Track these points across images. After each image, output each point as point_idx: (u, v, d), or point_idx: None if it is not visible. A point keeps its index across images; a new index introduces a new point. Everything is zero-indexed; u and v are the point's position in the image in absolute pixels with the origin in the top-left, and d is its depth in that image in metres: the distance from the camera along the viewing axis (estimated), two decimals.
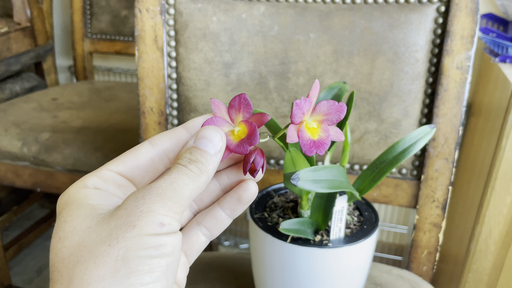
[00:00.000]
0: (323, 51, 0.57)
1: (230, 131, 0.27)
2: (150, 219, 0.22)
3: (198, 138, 0.26)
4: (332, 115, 0.28)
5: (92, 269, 0.21)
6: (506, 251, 0.83)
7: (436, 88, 0.55)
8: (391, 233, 1.23)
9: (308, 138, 0.27)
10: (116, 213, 0.23)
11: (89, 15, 1.24)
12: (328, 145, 0.28)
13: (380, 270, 0.59)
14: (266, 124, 0.39)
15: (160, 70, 0.58)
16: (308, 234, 0.41)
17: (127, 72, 1.37)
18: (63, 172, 0.87)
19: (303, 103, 0.27)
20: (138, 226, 0.22)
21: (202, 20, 0.57)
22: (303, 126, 0.27)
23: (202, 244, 0.29)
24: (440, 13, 0.54)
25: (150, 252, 0.22)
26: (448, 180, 0.57)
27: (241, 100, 0.27)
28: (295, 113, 0.27)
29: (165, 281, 0.22)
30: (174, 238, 0.23)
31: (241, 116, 0.27)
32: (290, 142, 0.27)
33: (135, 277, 0.21)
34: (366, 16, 0.55)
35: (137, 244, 0.22)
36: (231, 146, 0.27)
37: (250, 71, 0.58)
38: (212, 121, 0.27)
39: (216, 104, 0.27)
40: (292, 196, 0.49)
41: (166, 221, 0.23)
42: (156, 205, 0.23)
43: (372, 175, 0.41)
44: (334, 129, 0.29)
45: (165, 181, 0.24)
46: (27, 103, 1.04)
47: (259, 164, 0.27)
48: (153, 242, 0.22)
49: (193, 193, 0.25)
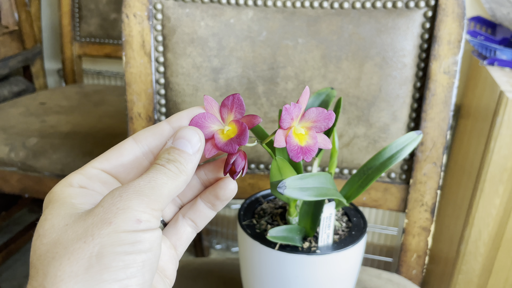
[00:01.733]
0: (311, 56, 0.57)
1: (219, 129, 0.27)
2: (127, 216, 0.22)
3: (177, 138, 0.26)
4: (321, 123, 0.28)
5: (65, 265, 0.21)
6: (496, 252, 0.84)
7: (423, 93, 0.55)
8: (381, 235, 1.23)
9: (295, 144, 0.27)
10: (93, 210, 0.23)
11: (78, 18, 1.23)
12: (315, 152, 0.28)
13: (370, 274, 0.59)
14: (253, 129, 0.39)
15: (148, 75, 0.58)
16: (296, 241, 0.41)
17: (116, 75, 1.36)
18: (51, 177, 0.86)
19: (292, 108, 0.27)
20: (114, 223, 0.22)
21: (190, 25, 0.57)
22: (291, 132, 0.27)
23: (190, 235, 0.29)
24: (427, 18, 0.54)
25: (125, 248, 0.22)
26: (436, 184, 0.57)
27: (235, 100, 0.27)
28: (284, 118, 0.27)
29: (141, 277, 0.22)
30: (152, 234, 0.23)
31: (232, 115, 0.27)
32: (278, 147, 0.27)
33: (108, 273, 0.21)
34: (354, 21, 0.55)
35: (113, 240, 0.22)
36: (219, 144, 0.27)
37: (238, 76, 0.58)
38: (203, 116, 0.27)
39: (209, 101, 0.27)
40: (281, 202, 0.49)
41: (143, 218, 0.23)
42: (133, 202, 0.23)
43: (359, 181, 0.41)
44: (322, 137, 0.29)
45: (143, 180, 0.24)
46: (14, 107, 1.03)
47: (240, 166, 0.27)
48: (129, 238, 0.22)
49: (172, 192, 0.25)
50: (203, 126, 0.27)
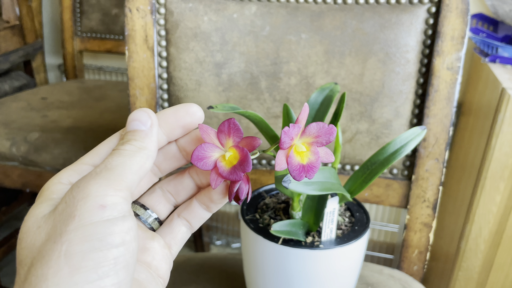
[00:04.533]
0: (314, 51, 0.57)
1: (221, 156, 0.27)
2: (89, 205, 0.21)
3: (127, 124, 0.25)
4: (322, 138, 0.28)
5: (38, 269, 0.20)
6: (496, 249, 0.84)
7: (426, 89, 0.55)
8: (382, 232, 1.24)
9: (297, 163, 0.27)
10: (58, 207, 0.22)
11: (79, 13, 1.22)
12: (317, 168, 0.27)
13: (372, 270, 0.60)
14: (257, 124, 0.39)
15: (151, 70, 0.58)
16: (299, 235, 0.41)
17: (117, 71, 1.36)
18: (52, 172, 0.86)
19: (291, 130, 0.26)
20: (77, 216, 0.21)
21: (193, 19, 0.57)
22: (292, 151, 0.27)
23: (185, 235, 0.29)
24: (431, 14, 0.54)
25: (93, 244, 0.20)
26: (438, 180, 0.57)
27: (230, 125, 0.26)
28: (283, 141, 0.26)
29: (115, 276, 0.21)
30: (122, 225, 0.21)
31: (231, 140, 0.27)
32: (279, 170, 0.27)
33: (78, 274, 0.20)
34: (358, 17, 0.55)
35: (80, 236, 0.20)
36: (223, 173, 0.26)
37: (241, 71, 0.58)
38: (202, 148, 0.26)
39: (205, 129, 0.27)
40: (284, 197, 0.49)
41: (108, 202, 0.21)
42: (92, 188, 0.21)
43: (363, 176, 0.41)
44: (324, 150, 0.28)
45: (98, 167, 0.23)
46: (16, 102, 1.03)
47: (244, 193, 0.27)
48: (97, 232, 0.20)
49: (135, 169, 0.23)
50: (205, 157, 0.26)
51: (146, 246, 0.27)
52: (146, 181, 0.28)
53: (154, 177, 0.29)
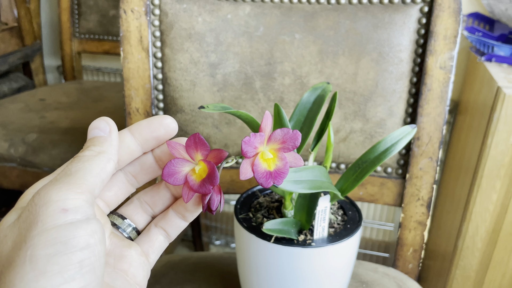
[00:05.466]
0: (308, 51, 0.57)
1: (191, 170, 0.27)
2: (51, 209, 0.21)
3: (88, 134, 0.26)
4: (288, 143, 0.28)
5: (6, 277, 0.20)
6: (493, 247, 0.84)
7: (420, 88, 0.56)
8: (378, 231, 1.24)
9: (263, 170, 0.27)
10: (21, 215, 0.22)
11: (77, 15, 1.23)
12: (286, 174, 0.28)
13: (366, 268, 0.60)
14: (249, 124, 0.40)
15: (146, 70, 0.58)
16: (291, 234, 0.41)
17: (116, 72, 1.37)
18: (50, 173, 0.86)
19: (252, 139, 0.27)
20: (40, 221, 0.21)
21: (187, 20, 0.57)
22: (257, 159, 0.27)
23: (162, 244, 0.29)
24: (424, 14, 0.54)
25: (57, 248, 0.20)
26: (432, 178, 0.57)
27: (196, 140, 0.27)
28: (245, 150, 0.26)
29: (81, 280, 0.21)
30: (85, 229, 0.21)
31: (199, 154, 0.27)
32: (244, 179, 0.27)
33: (44, 279, 0.20)
34: (351, 17, 0.56)
35: (43, 241, 0.20)
36: (194, 187, 0.27)
37: (236, 71, 0.58)
38: (172, 164, 0.27)
39: (173, 145, 0.27)
40: (277, 196, 0.49)
41: (69, 205, 0.21)
42: (52, 193, 0.21)
43: (354, 175, 0.42)
44: (292, 155, 0.28)
45: (59, 174, 0.23)
46: (14, 103, 1.03)
47: (215, 204, 0.27)
48: (60, 236, 0.20)
49: (96, 172, 0.24)
50: (175, 172, 0.27)
51: (123, 254, 0.27)
52: (123, 191, 0.29)
53: (131, 187, 0.29)
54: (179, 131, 0.61)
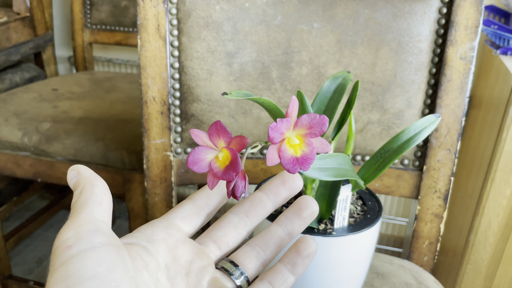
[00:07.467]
0: (326, 41, 0.56)
1: (215, 157, 0.28)
2: (59, 251, 0.22)
3: (73, 190, 0.27)
4: (315, 128, 0.28)
5: None
6: (505, 242, 0.84)
7: (439, 79, 0.55)
8: (390, 225, 1.23)
9: (290, 156, 0.27)
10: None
11: (89, 5, 1.23)
12: (313, 160, 0.27)
13: (382, 260, 0.60)
14: (270, 111, 0.39)
15: (163, 59, 0.58)
16: (312, 222, 0.41)
17: (127, 63, 1.37)
18: (64, 162, 0.87)
19: (279, 125, 0.27)
20: (52, 265, 0.22)
21: (205, 9, 0.57)
22: (284, 145, 0.27)
23: None
24: (445, 3, 0.54)
25: (67, 283, 0.21)
26: (450, 170, 0.57)
27: (217, 127, 0.27)
28: (272, 136, 0.26)
29: None
30: (91, 258, 0.22)
31: (222, 141, 0.27)
32: (270, 165, 0.27)
33: None
34: (370, 6, 0.55)
35: (55, 279, 0.21)
36: (218, 174, 0.27)
37: (253, 60, 0.58)
38: (196, 151, 0.28)
39: (196, 133, 0.28)
40: None
41: (70, 241, 0.22)
42: (56, 241, 0.23)
43: (376, 164, 0.41)
44: (318, 141, 0.28)
45: None
46: (27, 93, 1.04)
47: (240, 191, 0.28)
48: (67, 270, 0.21)
49: (87, 203, 0.24)
50: (199, 159, 0.28)
51: None
52: (235, 240, 0.31)
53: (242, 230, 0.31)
54: (195, 120, 0.60)
